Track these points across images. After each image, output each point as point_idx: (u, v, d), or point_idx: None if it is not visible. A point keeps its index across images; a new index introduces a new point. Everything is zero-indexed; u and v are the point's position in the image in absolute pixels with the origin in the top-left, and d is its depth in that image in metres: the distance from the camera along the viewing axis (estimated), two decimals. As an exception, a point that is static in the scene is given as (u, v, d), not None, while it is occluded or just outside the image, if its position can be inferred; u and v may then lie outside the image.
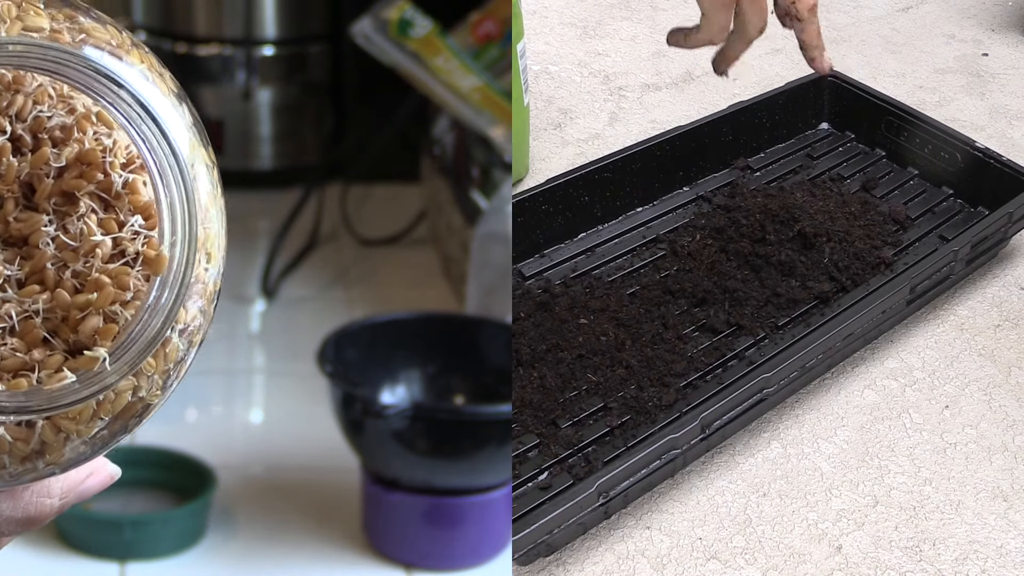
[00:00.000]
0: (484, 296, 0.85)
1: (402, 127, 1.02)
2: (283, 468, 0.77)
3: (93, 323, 0.37)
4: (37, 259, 0.37)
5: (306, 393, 0.84)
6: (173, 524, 0.72)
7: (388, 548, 0.71)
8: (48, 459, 0.37)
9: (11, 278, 0.37)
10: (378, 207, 1.10)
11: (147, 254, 0.38)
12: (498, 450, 0.68)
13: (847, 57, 1.35)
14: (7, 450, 0.36)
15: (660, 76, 1.30)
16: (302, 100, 1.11)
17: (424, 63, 0.89)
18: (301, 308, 0.95)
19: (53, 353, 0.37)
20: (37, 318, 0.37)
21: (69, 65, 0.36)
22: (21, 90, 0.38)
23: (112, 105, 0.37)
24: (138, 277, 0.38)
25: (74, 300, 0.37)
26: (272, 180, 1.12)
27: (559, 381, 0.81)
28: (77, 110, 0.38)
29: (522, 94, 0.99)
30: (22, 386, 0.36)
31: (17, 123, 0.38)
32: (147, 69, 0.38)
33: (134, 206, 0.38)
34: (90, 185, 0.38)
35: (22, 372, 0.37)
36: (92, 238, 0.38)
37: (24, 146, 0.38)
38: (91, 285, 0.37)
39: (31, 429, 0.37)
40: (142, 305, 0.38)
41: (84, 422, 0.37)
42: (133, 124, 0.38)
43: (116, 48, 0.37)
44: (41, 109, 0.38)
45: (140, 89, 0.37)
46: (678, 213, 1.00)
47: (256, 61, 1.09)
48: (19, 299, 0.37)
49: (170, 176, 0.38)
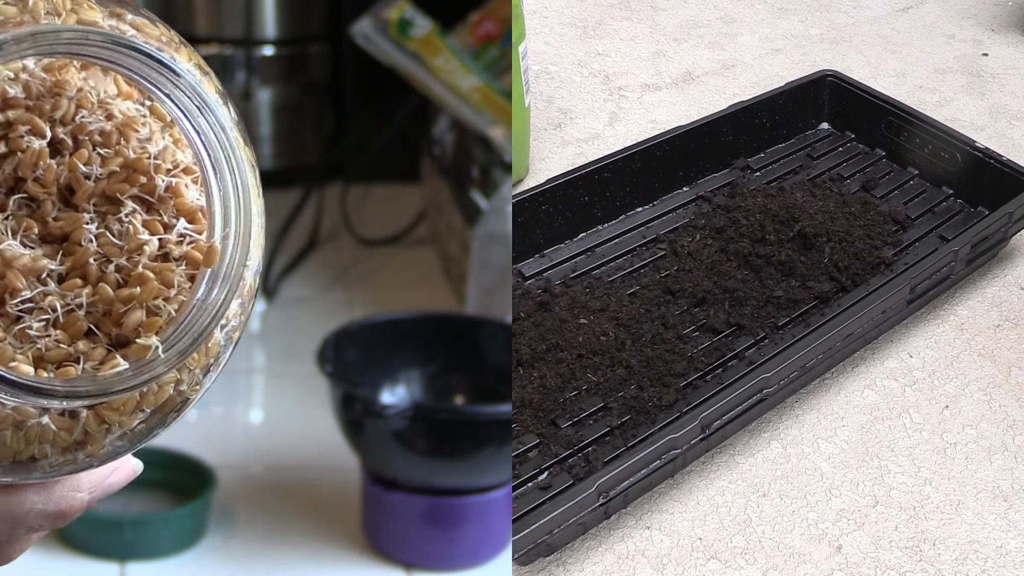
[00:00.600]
0: (484, 296, 0.85)
1: (402, 127, 1.02)
2: (283, 468, 0.77)
3: (137, 316, 0.37)
4: (80, 255, 0.38)
5: (306, 393, 0.84)
6: (173, 524, 0.72)
7: (388, 548, 0.71)
8: (88, 451, 0.37)
9: (53, 272, 0.37)
10: (378, 207, 1.10)
11: (197, 249, 0.38)
12: (498, 450, 0.68)
13: (847, 57, 1.35)
14: (50, 439, 0.37)
15: (660, 76, 1.30)
16: (302, 100, 1.11)
17: (424, 63, 0.89)
18: (301, 308, 0.95)
19: (97, 345, 0.37)
20: (80, 311, 0.37)
21: (127, 54, 0.36)
22: (63, 94, 0.38)
23: (168, 97, 0.37)
24: (181, 275, 0.38)
25: (118, 294, 0.37)
26: (272, 180, 1.11)
27: (559, 381, 0.81)
28: (115, 116, 0.39)
29: (523, 95, 0.99)
30: (70, 374, 0.36)
31: (59, 127, 0.38)
32: (195, 67, 0.38)
33: (179, 209, 0.39)
34: (133, 188, 0.38)
35: (66, 363, 0.37)
36: (138, 237, 0.38)
37: (65, 149, 0.38)
38: (135, 280, 0.38)
39: (75, 419, 0.37)
40: (191, 297, 0.38)
41: (127, 413, 0.37)
42: (189, 116, 0.38)
43: (166, 45, 0.38)
44: (83, 113, 0.38)
45: (196, 81, 0.37)
46: (678, 213, 1.00)
47: (256, 61, 1.09)
48: (61, 293, 0.37)
49: (224, 168, 0.38)
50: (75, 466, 0.38)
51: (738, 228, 0.95)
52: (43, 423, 0.36)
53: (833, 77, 1.11)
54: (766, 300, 0.89)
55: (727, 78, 1.30)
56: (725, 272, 0.91)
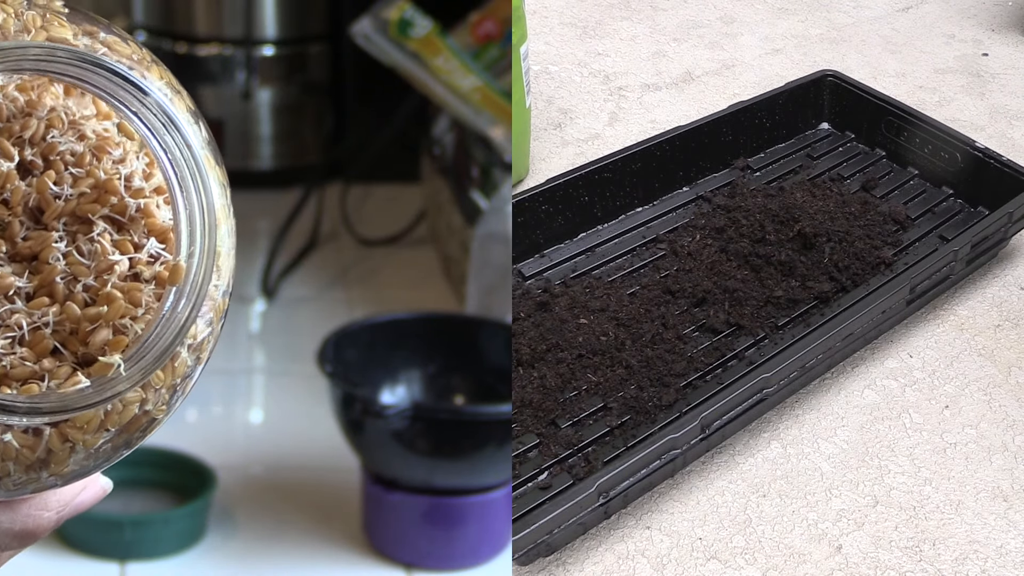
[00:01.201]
0: (484, 296, 0.85)
1: (402, 127, 1.02)
2: (283, 468, 0.77)
3: (103, 335, 0.37)
4: (47, 273, 0.38)
5: (306, 393, 0.84)
6: (173, 524, 0.72)
7: (388, 548, 0.71)
8: (52, 469, 0.37)
9: (20, 291, 0.37)
10: (378, 207, 1.10)
11: (164, 270, 0.38)
12: (498, 450, 0.68)
13: (847, 57, 1.35)
14: (13, 456, 0.36)
15: (660, 76, 1.30)
16: (302, 100, 1.11)
17: (424, 63, 0.89)
18: (301, 308, 0.95)
19: (62, 364, 0.37)
20: (47, 329, 0.37)
21: (94, 72, 0.36)
22: (34, 114, 0.38)
23: (136, 115, 0.37)
24: (150, 294, 0.38)
25: (84, 312, 0.37)
26: (272, 180, 1.12)
27: (559, 381, 0.81)
28: (87, 136, 0.39)
29: (523, 95, 0.99)
30: (33, 391, 0.36)
31: (29, 148, 0.38)
32: (166, 86, 0.38)
33: (150, 229, 0.39)
34: (104, 208, 0.38)
35: (31, 380, 0.37)
36: (108, 257, 0.38)
37: (36, 170, 0.38)
38: (102, 299, 0.38)
39: (38, 437, 0.37)
40: (156, 315, 0.38)
41: (91, 431, 0.37)
42: (156, 135, 0.38)
43: (137, 63, 0.38)
44: (55, 134, 0.38)
45: (164, 99, 0.37)
46: (678, 213, 1.01)
47: (256, 61, 1.09)
48: (28, 311, 0.37)
49: (191, 187, 0.38)
50: (39, 484, 0.37)
51: (738, 228, 0.95)
52: (5, 440, 0.36)
53: (833, 77, 1.11)
54: (766, 300, 0.89)
55: (727, 78, 1.30)
56: (725, 272, 0.91)
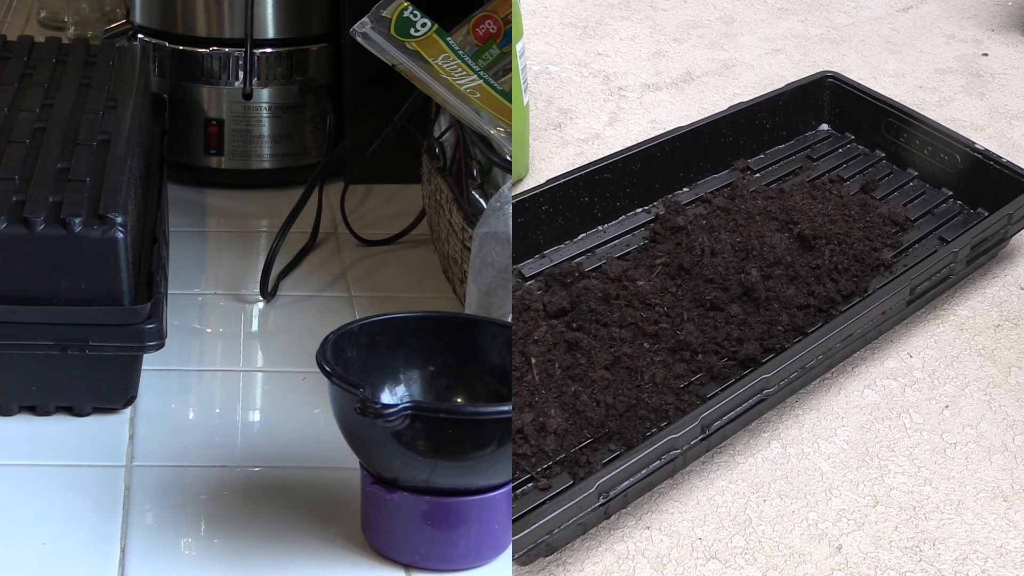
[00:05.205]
0: (484, 296, 0.85)
1: (402, 127, 1.02)
2: (283, 468, 0.77)
3: None
4: None
5: (306, 393, 0.84)
6: None
7: (388, 548, 0.71)
8: None
9: None
10: (378, 207, 1.10)
11: None
12: (498, 450, 0.67)
13: (847, 57, 1.35)
14: None
15: (660, 76, 1.30)
16: (302, 100, 1.11)
17: (424, 63, 0.89)
18: (301, 308, 0.95)
19: None
20: None
21: None
22: None
23: None
24: None
25: None
26: (272, 180, 1.12)
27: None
28: None
29: (522, 94, 0.99)
30: None
31: None
32: None
33: None
34: None
35: None
36: None
37: None
38: None
39: None
40: None
41: None
42: None
43: None
44: None
45: None
46: (678, 214, 1.00)
47: (256, 61, 1.09)
48: None
49: None
50: None
51: (737, 229, 0.95)
52: None
53: (833, 78, 1.11)
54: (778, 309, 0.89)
55: (727, 78, 1.30)
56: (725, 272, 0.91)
